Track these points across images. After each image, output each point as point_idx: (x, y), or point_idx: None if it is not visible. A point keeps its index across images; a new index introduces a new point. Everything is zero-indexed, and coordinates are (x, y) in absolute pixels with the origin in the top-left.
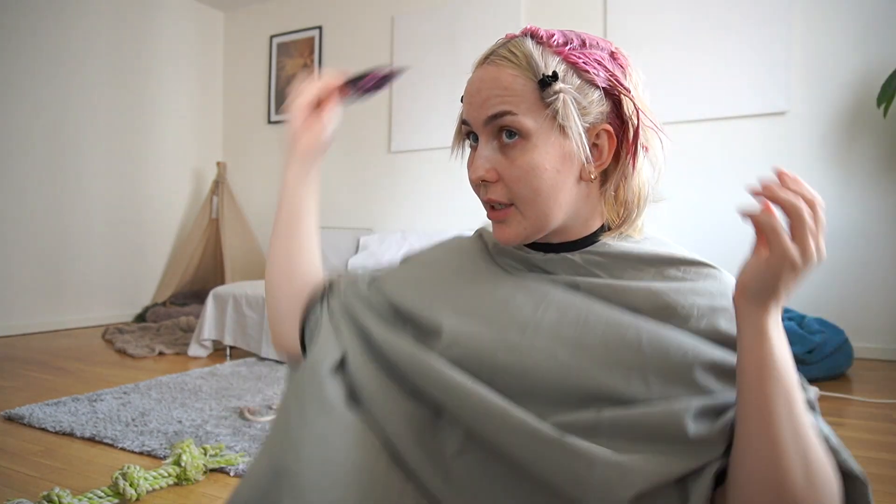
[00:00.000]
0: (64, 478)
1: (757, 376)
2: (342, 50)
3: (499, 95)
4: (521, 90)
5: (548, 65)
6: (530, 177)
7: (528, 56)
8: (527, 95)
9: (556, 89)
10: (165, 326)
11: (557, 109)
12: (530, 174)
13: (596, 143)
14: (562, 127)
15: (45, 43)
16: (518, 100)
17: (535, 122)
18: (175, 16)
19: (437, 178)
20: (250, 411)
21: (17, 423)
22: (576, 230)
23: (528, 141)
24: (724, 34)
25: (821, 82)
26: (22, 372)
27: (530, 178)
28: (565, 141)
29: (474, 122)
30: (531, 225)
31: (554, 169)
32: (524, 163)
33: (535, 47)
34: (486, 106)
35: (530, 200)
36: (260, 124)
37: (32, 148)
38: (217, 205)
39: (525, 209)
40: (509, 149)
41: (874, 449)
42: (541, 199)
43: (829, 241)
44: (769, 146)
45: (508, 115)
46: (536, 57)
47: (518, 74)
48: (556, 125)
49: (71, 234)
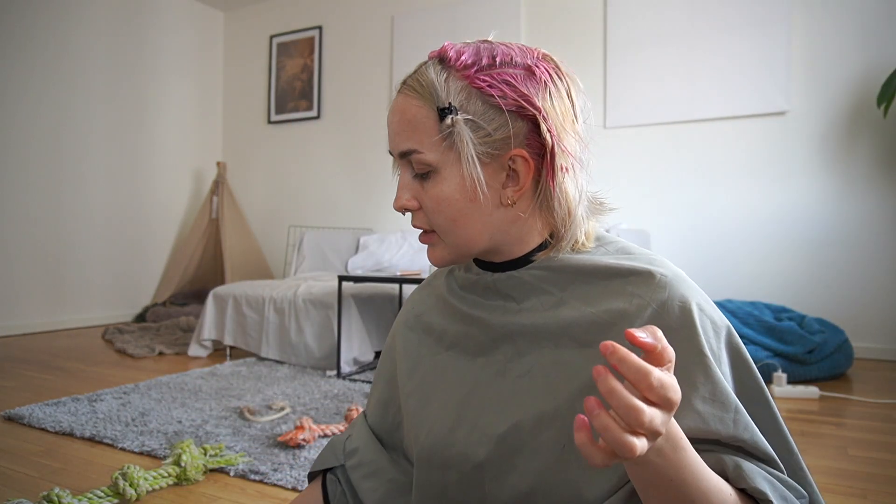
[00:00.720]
0: (64, 478)
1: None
2: (342, 50)
3: (405, 131)
4: (424, 122)
5: (449, 92)
6: (443, 207)
7: (431, 85)
8: (430, 128)
9: (449, 122)
10: (165, 326)
11: (454, 141)
12: (442, 205)
13: (513, 168)
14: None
15: (45, 43)
16: (421, 136)
17: (440, 155)
18: (175, 16)
19: None
20: (250, 411)
21: (17, 423)
22: (513, 250)
23: (438, 173)
24: (724, 34)
25: (821, 82)
26: (22, 372)
27: (443, 209)
28: (470, 170)
29: (393, 152)
30: (454, 250)
31: (464, 199)
32: (435, 195)
33: (440, 74)
34: (397, 141)
35: (447, 229)
36: (260, 124)
37: (33, 148)
38: (217, 205)
39: (445, 235)
40: (423, 180)
41: (874, 449)
42: (457, 227)
43: (829, 241)
44: (769, 146)
45: (414, 153)
46: (438, 86)
47: (422, 105)
48: (457, 155)
49: (71, 234)
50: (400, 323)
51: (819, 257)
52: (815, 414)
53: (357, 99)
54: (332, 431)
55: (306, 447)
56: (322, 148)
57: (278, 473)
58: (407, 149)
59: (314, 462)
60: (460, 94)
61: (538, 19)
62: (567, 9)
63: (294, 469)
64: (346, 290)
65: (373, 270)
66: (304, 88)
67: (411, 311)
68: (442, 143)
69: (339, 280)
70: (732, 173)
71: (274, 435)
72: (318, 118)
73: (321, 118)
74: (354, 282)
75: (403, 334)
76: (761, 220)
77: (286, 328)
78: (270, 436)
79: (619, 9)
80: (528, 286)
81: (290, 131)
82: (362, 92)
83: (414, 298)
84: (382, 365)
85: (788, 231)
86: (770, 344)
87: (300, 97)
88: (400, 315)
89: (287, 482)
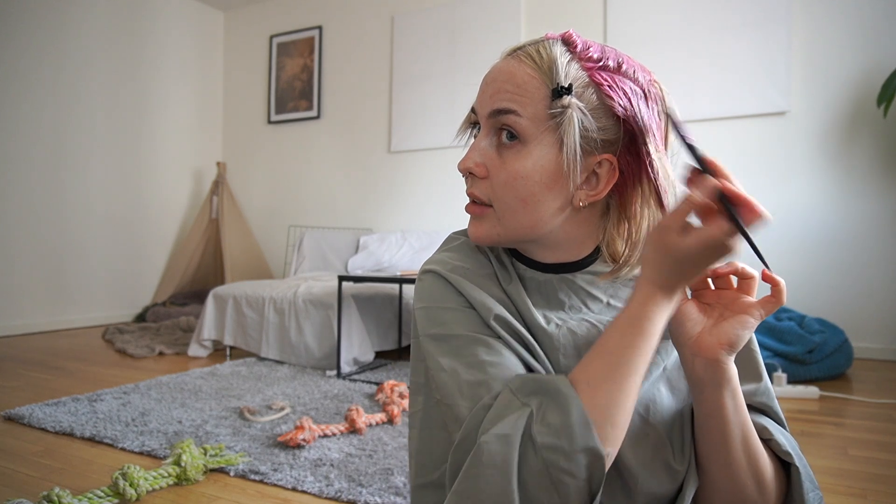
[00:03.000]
0: (64, 478)
1: (718, 416)
2: (342, 50)
3: (509, 91)
4: (533, 93)
5: (568, 75)
6: (517, 184)
7: (552, 61)
8: (536, 100)
9: (565, 103)
10: (165, 326)
11: (561, 123)
12: (518, 181)
13: (596, 172)
14: (561, 142)
15: (44, 44)
16: (526, 101)
17: (537, 129)
18: (175, 16)
19: (436, 178)
20: (250, 411)
21: (17, 423)
22: (571, 251)
23: (524, 146)
24: (724, 34)
25: (821, 82)
26: (22, 372)
27: (516, 185)
28: (561, 157)
29: (480, 111)
30: (504, 232)
31: (542, 182)
32: (514, 168)
33: (564, 55)
34: (495, 99)
35: (511, 208)
36: (260, 124)
37: (33, 148)
38: (217, 205)
39: (503, 214)
40: (505, 149)
41: (874, 449)
42: (522, 209)
43: (829, 241)
44: (769, 146)
45: (512, 114)
46: (560, 64)
47: (535, 76)
48: (557, 138)
49: (71, 234)
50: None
51: (819, 257)
52: (815, 414)
53: (357, 99)
54: (332, 431)
55: (306, 447)
56: (322, 148)
57: (278, 473)
58: (505, 107)
59: None
60: (578, 81)
61: (538, 19)
62: (567, 9)
63: (294, 469)
64: (346, 290)
65: (373, 270)
66: (304, 88)
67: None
68: (546, 120)
69: (339, 280)
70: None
71: (274, 435)
72: (318, 118)
73: (321, 118)
74: (354, 282)
75: None
76: None
77: (286, 328)
78: (270, 436)
79: (619, 9)
80: (580, 290)
81: (290, 131)
82: (362, 92)
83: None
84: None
85: (788, 231)
86: (770, 344)
87: (300, 97)
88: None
89: (287, 482)
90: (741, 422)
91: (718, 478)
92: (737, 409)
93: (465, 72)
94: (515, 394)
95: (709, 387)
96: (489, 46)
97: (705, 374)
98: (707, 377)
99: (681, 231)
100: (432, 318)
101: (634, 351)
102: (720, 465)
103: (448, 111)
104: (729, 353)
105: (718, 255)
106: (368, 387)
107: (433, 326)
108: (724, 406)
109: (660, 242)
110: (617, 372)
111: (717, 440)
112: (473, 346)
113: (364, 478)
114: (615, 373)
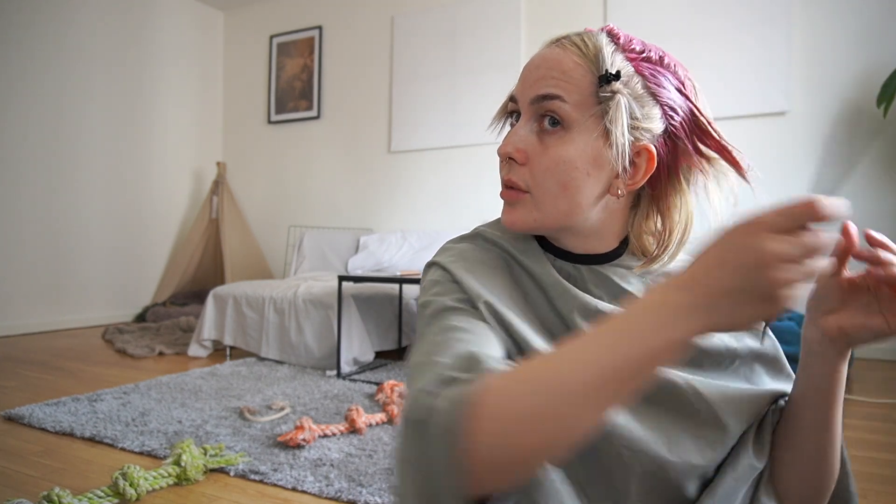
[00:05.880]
0: (64, 478)
1: (825, 405)
2: (342, 50)
3: (554, 77)
4: (579, 80)
5: (614, 64)
6: (559, 169)
7: (598, 49)
8: (582, 87)
9: (615, 89)
10: (165, 326)
11: (608, 109)
12: (559, 167)
13: (635, 161)
14: (606, 130)
15: (44, 44)
16: (572, 88)
17: (581, 115)
18: (175, 16)
19: (436, 178)
20: (250, 411)
21: (17, 423)
22: (603, 242)
23: (567, 133)
24: (724, 34)
25: (821, 82)
26: (22, 372)
27: (558, 171)
28: (605, 145)
29: (522, 98)
30: (542, 217)
31: (584, 170)
32: (557, 154)
33: (609, 45)
34: (539, 85)
35: (551, 193)
36: (260, 124)
37: (32, 148)
38: (217, 205)
39: (542, 200)
40: (547, 135)
41: (874, 449)
42: (563, 195)
43: None
44: (769, 146)
45: (557, 99)
46: (606, 53)
47: (581, 63)
48: (601, 126)
49: (71, 234)
50: None
51: None
52: None
53: (357, 99)
54: (332, 431)
55: (306, 447)
56: (322, 148)
57: (278, 473)
58: (550, 93)
59: None
60: (624, 70)
61: (538, 19)
62: (567, 9)
63: (294, 469)
64: (346, 290)
65: (373, 270)
66: (304, 88)
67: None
68: (592, 106)
69: (339, 280)
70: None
71: (274, 435)
72: (318, 118)
73: (321, 118)
74: (354, 282)
75: None
76: None
77: (286, 328)
78: (270, 436)
79: (620, 9)
80: (612, 283)
81: (290, 131)
82: (362, 92)
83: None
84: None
85: None
86: None
87: (300, 97)
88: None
89: (287, 482)
90: (838, 405)
91: (803, 463)
92: (840, 390)
93: (465, 72)
94: (448, 367)
95: (822, 358)
96: (489, 46)
97: (821, 348)
98: (824, 350)
99: (781, 239)
100: (430, 307)
101: (615, 361)
102: (810, 450)
103: (448, 111)
104: (845, 345)
105: (801, 297)
106: (368, 387)
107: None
108: (837, 376)
109: (742, 241)
110: (566, 384)
111: (819, 417)
112: (449, 315)
113: (364, 478)
114: (562, 385)
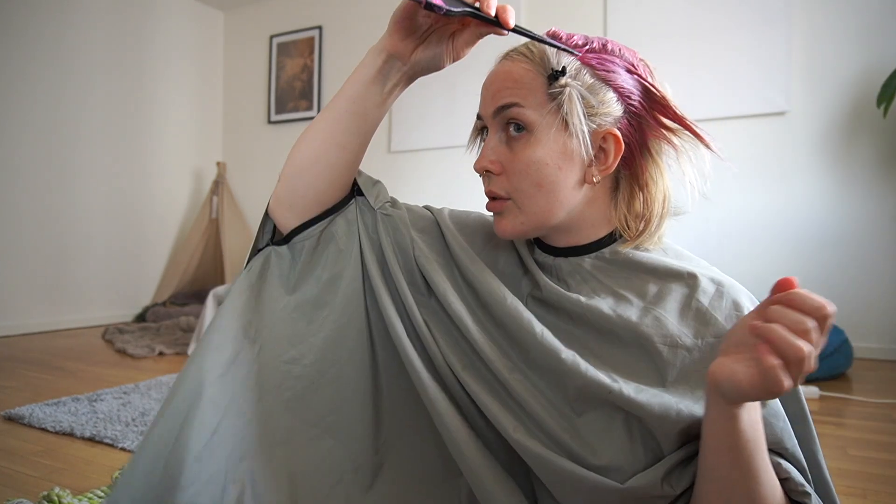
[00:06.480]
0: (64, 478)
1: (722, 453)
2: (342, 50)
3: (508, 88)
4: (531, 84)
5: (560, 62)
6: (531, 171)
7: (542, 52)
8: (535, 89)
9: (563, 83)
10: (165, 326)
11: (562, 104)
12: (532, 168)
13: (603, 147)
14: (565, 122)
15: (43, 44)
16: (526, 92)
17: (540, 116)
18: (175, 15)
19: (436, 178)
20: None
21: (17, 423)
22: (583, 234)
23: (532, 134)
24: (724, 34)
25: (821, 82)
26: (22, 372)
27: (531, 172)
28: (568, 138)
29: (485, 113)
30: (528, 220)
31: (555, 165)
32: (526, 156)
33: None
34: (497, 97)
35: (530, 195)
36: (260, 124)
37: (31, 147)
38: (217, 205)
39: (524, 203)
40: (515, 142)
41: (874, 449)
42: (541, 194)
43: (828, 241)
44: (769, 146)
45: (515, 106)
46: (550, 54)
47: (530, 69)
48: (560, 120)
49: (71, 233)
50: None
51: (819, 257)
52: (815, 414)
53: None
54: None
55: None
56: None
57: None
58: (508, 102)
59: None
60: (571, 65)
61: (538, 19)
62: (567, 9)
63: None
64: None
65: None
66: (304, 88)
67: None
68: (547, 104)
69: None
70: (732, 174)
71: None
72: None
73: None
74: None
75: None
76: (761, 220)
77: None
78: None
79: (619, 9)
80: (586, 274)
81: (290, 131)
82: None
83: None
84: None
85: (788, 231)
86: None
87: (300, 97)
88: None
89: None
90: (746, 466)
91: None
92: (743, 443)
93: (465, 72)
94: None
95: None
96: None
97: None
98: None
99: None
100: None
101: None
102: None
103: (448, 111)
104: (729, 399)
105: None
106: None
107: None
108: (734, 425)
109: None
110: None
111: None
112: None
113: None
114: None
